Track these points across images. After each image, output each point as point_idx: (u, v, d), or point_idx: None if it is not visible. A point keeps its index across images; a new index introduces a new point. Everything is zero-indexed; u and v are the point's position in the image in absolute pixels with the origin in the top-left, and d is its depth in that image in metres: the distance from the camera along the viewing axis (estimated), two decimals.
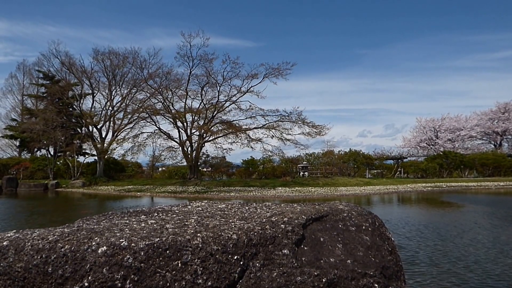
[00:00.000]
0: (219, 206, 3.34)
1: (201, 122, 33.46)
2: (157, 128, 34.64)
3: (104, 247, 1.85)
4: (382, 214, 14.17)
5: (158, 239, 1.98)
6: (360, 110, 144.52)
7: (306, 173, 36.61)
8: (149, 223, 2.44)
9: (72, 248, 1.85)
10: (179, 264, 1.92)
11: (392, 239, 2.86)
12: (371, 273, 2.29)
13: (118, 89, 36.08)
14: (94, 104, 36.32)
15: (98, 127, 35.67)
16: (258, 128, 32.86)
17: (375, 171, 44.43)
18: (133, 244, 1.89)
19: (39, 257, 1.84)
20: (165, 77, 33.58)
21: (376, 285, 2.28)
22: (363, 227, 2.62)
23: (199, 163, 36.39)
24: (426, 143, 58.84)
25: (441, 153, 44.87)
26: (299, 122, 31.74)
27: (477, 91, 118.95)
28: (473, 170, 41.63)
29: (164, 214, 2.90)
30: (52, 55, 34.71)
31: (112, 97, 35.72)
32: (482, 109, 63.92)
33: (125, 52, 34.81)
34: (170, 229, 2.22)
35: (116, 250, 1.85)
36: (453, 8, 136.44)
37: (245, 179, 36.09)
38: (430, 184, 32.06)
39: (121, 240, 1.91)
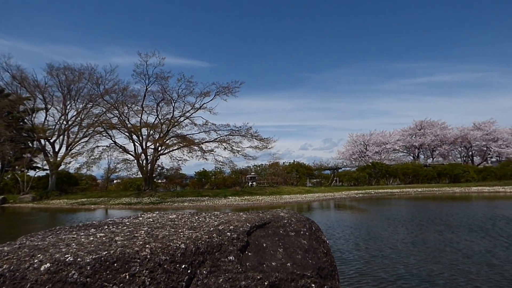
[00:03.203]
0: (170, 216, 3.22)
1: (157, 136, 32.41)
2: (112, 142, 32.89)
3: (48, 264, 1.68)
4: (320, 218, 14.66)
5: (106, 252, 1.84)
6: (302, 126, 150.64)
7: (254, 183, 36.82)
8: (98, 236, 2.27)
9: (11, 267, 1.65)
10: (127, 276, 1.80)
11: (327, 242, 2.95)
12: (309, 274, 2.34)
13: (73, 104, 33.67)
14: (47, 118, 33.43)
15: (51, 141, 32.82)
16: (210, 141, 32.61)
17: (315, 180, 45.94)
18: (79, 259, 1.74)
19: None
20: (122, 93, 32.19)
21: (313, 285, 2.32)
22: (302, 232, 2.68)
23: (154, 175, 34.98)
24: (357, 155, 62.30)
25: (370, 164, 47.75)
26: (248, 136, 32.06)
27: (399, 111, 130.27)
28: (396, 178, 44.75)
29: (114, 226, 2.72)
30: (1, 69, 31.50)
31: (67, 111, 33.21)
32: (403, 126, 69.50)
33: (81, 68, 32.82)
34: (119, 242, 2.08)
35: (61, 266, 1.68)
36: (378, 39, 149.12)
37: (198, 189, 35.35)
38: (361, 191, 33.89)
39: (66, 256, 1.75)
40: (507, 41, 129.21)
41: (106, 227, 2.71)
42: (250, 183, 36.95)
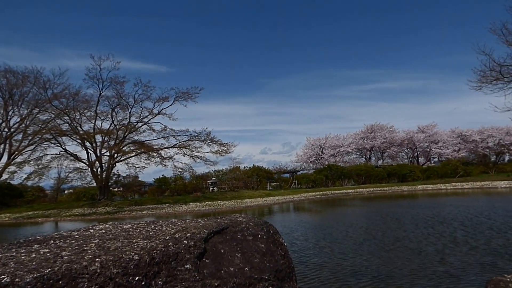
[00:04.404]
0: (124, 227, 3.05)
1: (112, 143, 30.83)
2: (62, 150, 30.66)
3: None
4: (281, 221, 14.86)
5: (50, 269, 1.70)
6: (261, 131, 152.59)
7: (215, 188, 36.46)
8: (42, 252, 2.08)
9: None
10: None
11: (285, 244, 2.98)
12: (266, 277, 2.34)
13: (16, 109, 30.89)
14: None
15: None
16: (169, 147, 31.76)
17: (275, 183, 46.58)
18: (17, 279, 1.58)
19: None
20: (73, 98, 30.17)
21: None
22: (259, 236, 2.68)
23: (110, 183, 33.21)
24: (314, 158, 64.14)
25: (326, 166, 49.42)
26: (208, 140, 31.69)
27: (352, 115, 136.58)
28: (350, 179, 46.74)
29: (62, 241, 2.51)
30: None
31: (9, 117, 30.40)
32: (355, 130, 72.68)
33: (25, 71, 30.23)
34: (66, 257, 1.93)
35: None
36: (332, 47, 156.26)
37: (157, 196, 34.21)
38: (319, 192, 34.92)
39: (2, 277, 1.58)
40: (445, 54, 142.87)
41: (52, 241, 2.50)
42: (211, 188, 36.53)
